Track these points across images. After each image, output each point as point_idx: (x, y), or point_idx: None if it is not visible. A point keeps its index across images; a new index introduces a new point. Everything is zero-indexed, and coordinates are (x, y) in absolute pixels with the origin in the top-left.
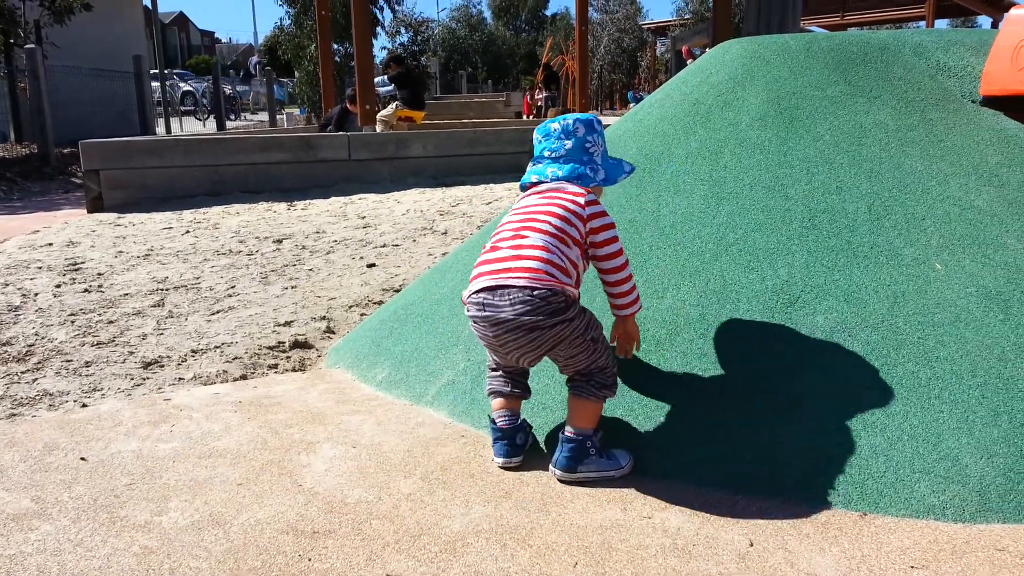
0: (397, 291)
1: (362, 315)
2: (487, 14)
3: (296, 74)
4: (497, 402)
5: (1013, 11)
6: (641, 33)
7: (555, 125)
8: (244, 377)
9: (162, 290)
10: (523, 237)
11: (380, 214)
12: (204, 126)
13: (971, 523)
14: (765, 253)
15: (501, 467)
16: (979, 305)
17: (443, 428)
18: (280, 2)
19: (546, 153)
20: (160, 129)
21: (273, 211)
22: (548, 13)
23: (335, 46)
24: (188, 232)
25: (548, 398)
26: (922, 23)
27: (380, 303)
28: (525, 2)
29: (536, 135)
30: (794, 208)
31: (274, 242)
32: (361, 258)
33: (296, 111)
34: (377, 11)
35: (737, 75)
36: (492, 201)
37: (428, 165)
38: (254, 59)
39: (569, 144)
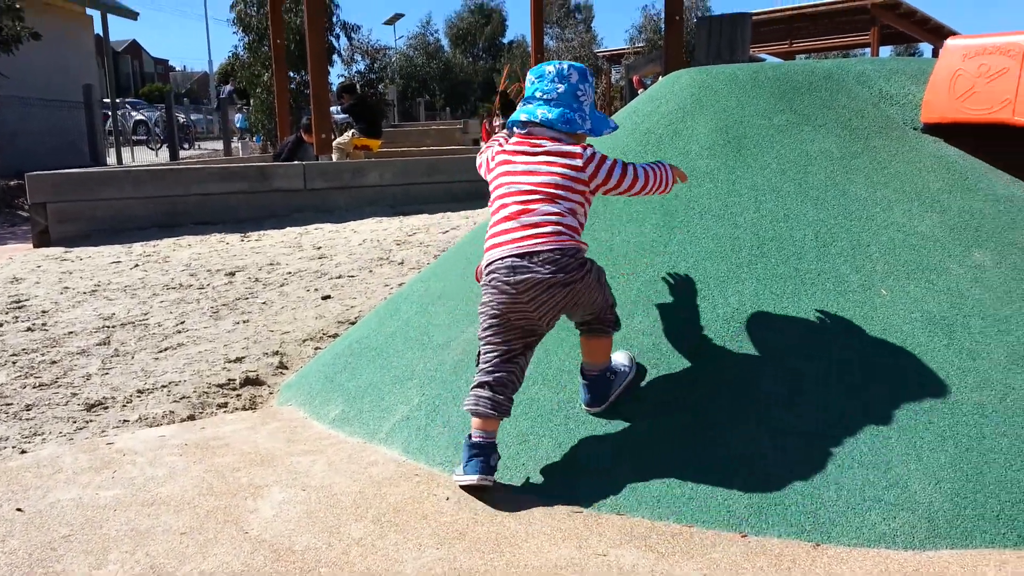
0: (353, 323)
1: (316, 349)
2: (445, 42)
3: (251, 102)
4: (477, 421)
5: (949, 41)
6: (596, 61)
7: (550, 68)
8: (192, 417)
9: (108, 327)
10: (533, 211)
11: (336, 244)
12: (157, 155)
13: (920, 550)
14: (716, 281)
15: (476, 484)
16: (924, 330)
17: (396, 467)
18: (235, 30)
19: (538, 94)
20: (111, 159)
21: (226, 243)
22: (505, 41)
23: (291, 74)
24: (137, 266)
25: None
26: (867, 50)
27: (335, 336)
28: (482, 31)
29: (530, 75)
30: (743, 236)
31: (226, 275)
32: (316, 290)
33: (252, 139)
34: (333, 39)
35: (687, 105)
36: (450, 230)
37: (385, 194)
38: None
39: (562, 88)
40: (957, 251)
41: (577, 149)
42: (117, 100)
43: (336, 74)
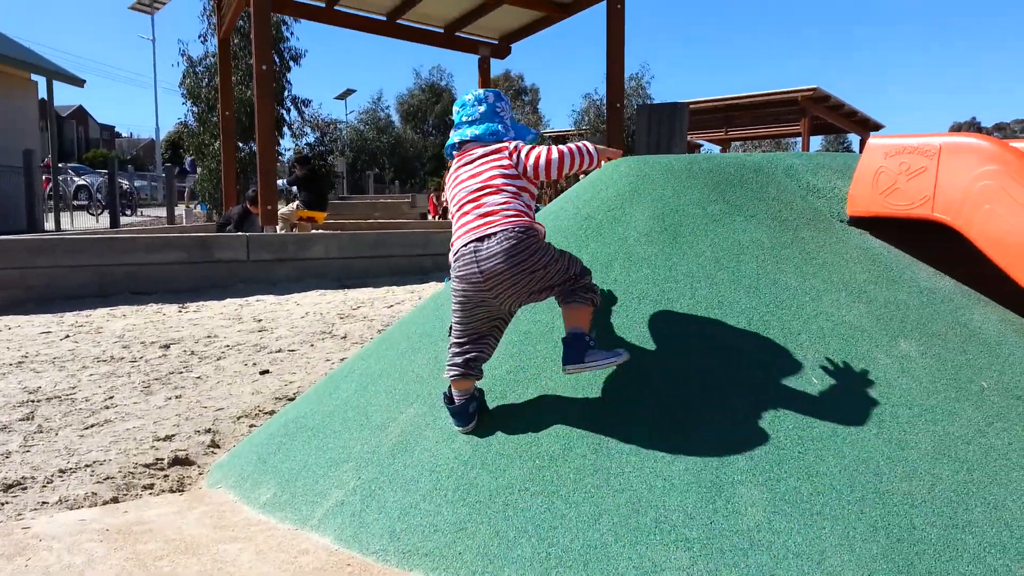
0: (291, 400)
1: (251, 427)
2: (395, 117)
3: (198, 170)
4: (454, 383)
5: (872, 140)
6: (544, 141)
7: (468, 96)
8: (115, 500)
9: (33, 402)
10: (483, 204)
11: (278, 317)
12: (98, 222)
13: None
14: (653, 367)
15: (462, 432)
16: (854, 419)
17: (328, 556)
18: (184, 100)
19: (464, 118)
20: (50, 224)
21: (163, 314)
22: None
23: (240, 144)
24: (68, 337)
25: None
26: (799, 139)
27: (272, 413)
28: (432, 108)
29: (455, 107)
30: (678, 321)
31: (161, 347)
32: (254, 364)
33: (196, 207)
34: (284, 112)
35: (625, 192)
36: (394, 304)
37: (330, 266)
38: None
39: (482, 109)
40: (884, 341)
41: (502, 146)
42: (60, 165)
43: (285, 146)
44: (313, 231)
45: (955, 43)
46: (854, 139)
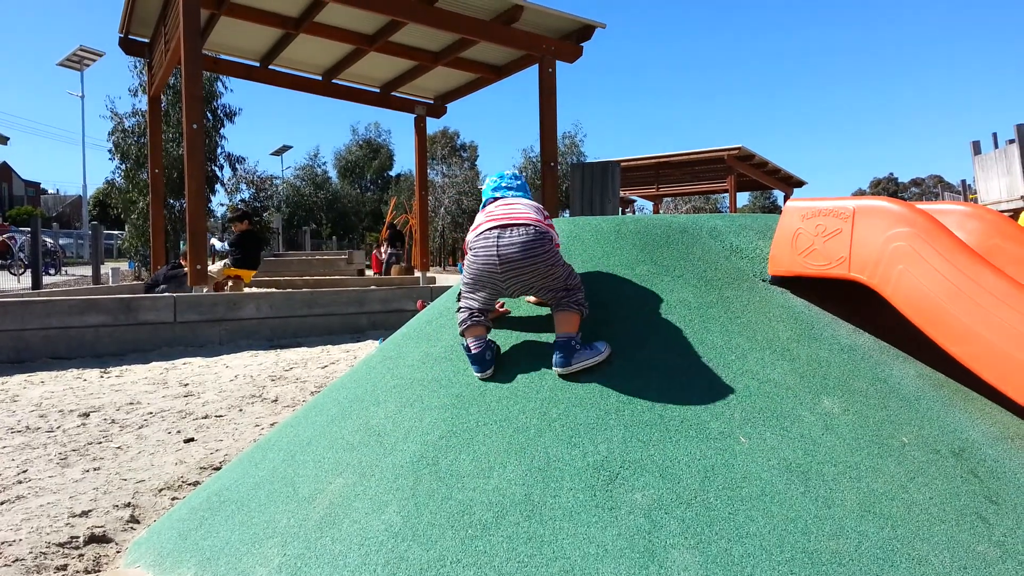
0: (217, 469)
1: (173, 500)
2: (332, 173)
3: (126, 228)
4: (470, 332)
5: (789, 203)
6: (480, 196)
7: (508, 171)
8: None
9: None
10: (514, 208)
11: (205, 381)
12: (19, 281)
13: None
14: (585, 428)
15: (480, 379)
16: (781, 478)
17: None
18: (111, 157)
19: (504, 184)
20: None
21: (84, 379)
22: (392, 174)
23: (171, 201)
24: None
25: None
26: (726, 195)
27: (196, 484)
28: (370, 164)
29: (493, 178)
30: (610, 383)
31: (80, 416)
32: (178, 432)
33: (124, 265)
34: (217, 168)
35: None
36: (328, 364)
37: (262, 327)
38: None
39: (518, 183)
40: (807, 398)
41: (546, 216)
42: None
43: (218, 201)
44: (245, 290)
45: (873, 101)
46: (780, 195)
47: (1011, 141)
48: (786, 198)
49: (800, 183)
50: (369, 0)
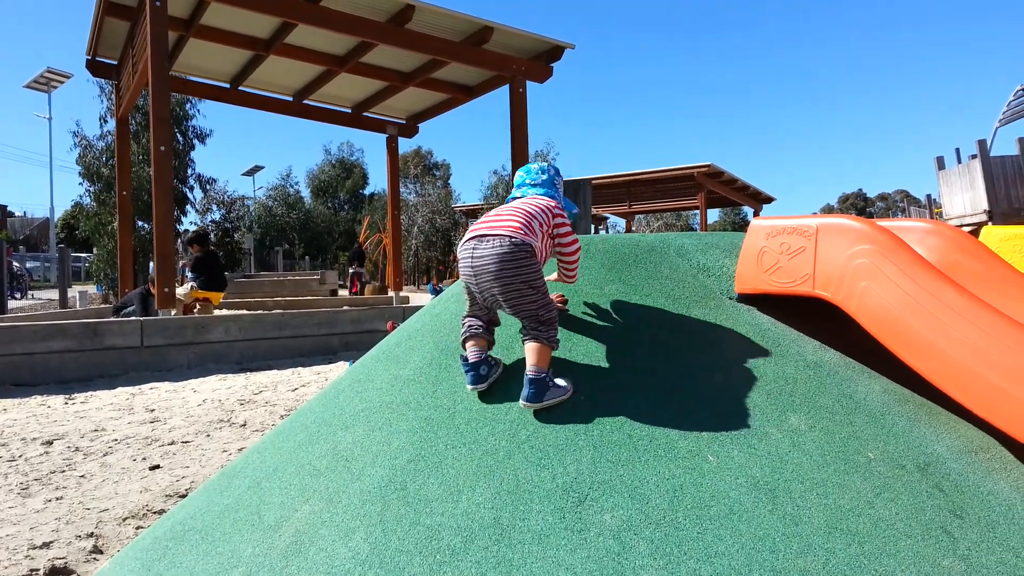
0: (183, 496)
1: (138, 529)
2: (305, 193)
3: (95, 250)
4: (469, 343)
5: (754, 221)
6: (454, 215)
7: (534, 165)
8: None
9: None
10: (503, 214)
11: (172, 406)
12: None
13: None
14: (555, 449)
15: (472, 391)
16: (749, 496)
17: None
18: (81, 180)
19: (528, 181)
20: None
21: (47, 406)
22: (366, 193)
23: (140, 223)
24: None
25: None
26: (697, 211)
27: (161, 512)
28: (343, 183)
29: (520, 172)
30: (579, 402)
31: (43, 444)
32: (144, 459)
33: (92, 288)
34: (187, 190)
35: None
36: (299, 387)
37: (232, 350)
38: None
39: (544, 177)
40: (775, 415)
41: (553, 205)
42: None
43: (189, 221)
44: (215, 312)
45: (841, 118)
46: (750, 211)
47: (973, 156)
48: (756, 214)
49: (769, 199)
50: (339, 22)
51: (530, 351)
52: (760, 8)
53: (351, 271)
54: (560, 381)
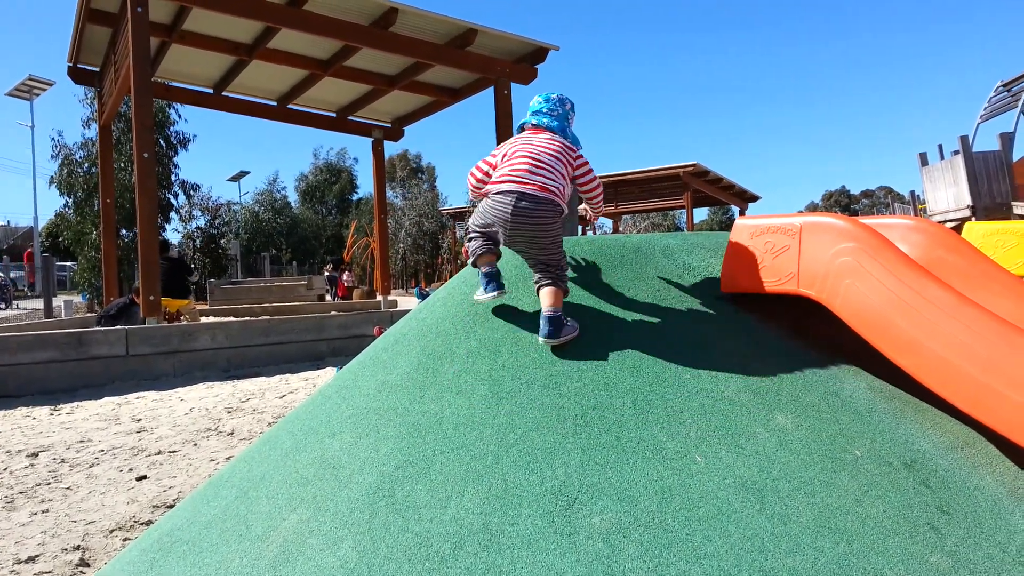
0: (170, 507)
1: (125, 540)
2: (292, 197)
3: (78, 260)
4: (484, 258)
5: (739, 221)
6: (441, 218)
7: (554, 95)
8: None
9: None
10: (536, 165)
11: (159, 415)
12: None
13: None
14: (543, 453)
15: (495, 297)
16: (738, 496)
17: None
18: (61, 193)
19: (544, 109)
20: None
21: (32, 417)
22: (354, 198)
23: (124, 231)
24: None
25: None
26: (684, 211)
27: (148, 524)
28: (331, 188)
29: (537, 98)
30: (567, 405)
31: (28, 456)
32: (131, 469)
33: (77, 297)
34: (172, 197)
35: (513, 277)
36: (287, 394)
37: (218, 357)
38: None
39: (559, 111)
40: (761, 414)
41: (572, 147)
42: None
43: (172, 228)
44: (202, 320)
45: (825, 116)
46: (736, 210)
47: (956, 152)
48: (741, 213)
49: (754, 198)
50: (323, 26)
51: (548, 294)
52: (745, 7)
53: (326, 274)
54: (570, 320)
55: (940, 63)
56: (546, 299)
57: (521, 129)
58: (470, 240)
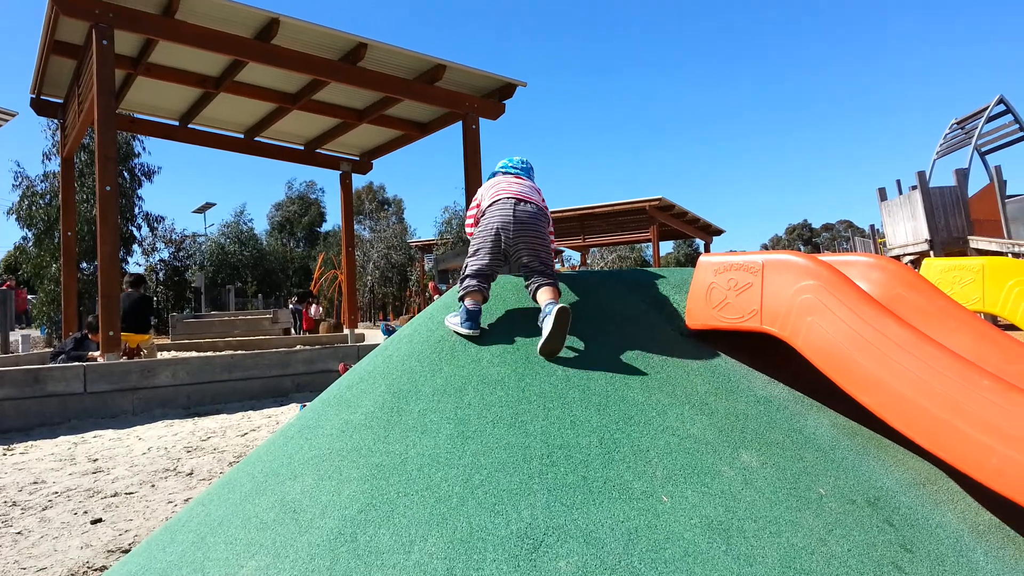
0: (126, 552)
1: None
2: (259, 229)
3: (37, 293)
4: (473, 296)
5: (703, 258)
6: (409, 250)
7: (517, 158)
8: None
9: None
10: (524, 189)
11: (116, 455)
12: None
13: None
14: (509, 494)
15: (470, 335)
16: (704, 536)
17: None
18: (21, 226)
19: (518, 166)
20: None
21: None
22: (323, 229)
23: (84, 264)
24: None
25: None
26: (650, 244)
27: (103, 569)
28: (300, 220)
29: (505, 161)
30: (533, 444)
31: None
32: (85, 512)
33: (36, 332)
34: (135, 229)
35: (483, 317)
36: (249, 432)
37: (179, 394)
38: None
39: (525, 167)
40: (727, 452)
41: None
42: None
43: (134, 262)
44: (159, 356)
45: (787, 151)
46: (701, 243)
47: (914, 187)
48: (707, 246)
49: (719, 231)
50: (291, 60)
51: (546, 291)
52: (707, 46)
53: (291, 307)
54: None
55: (897, 100)
56: (546, 295)
57: (493, 175)
58: (465, 279)
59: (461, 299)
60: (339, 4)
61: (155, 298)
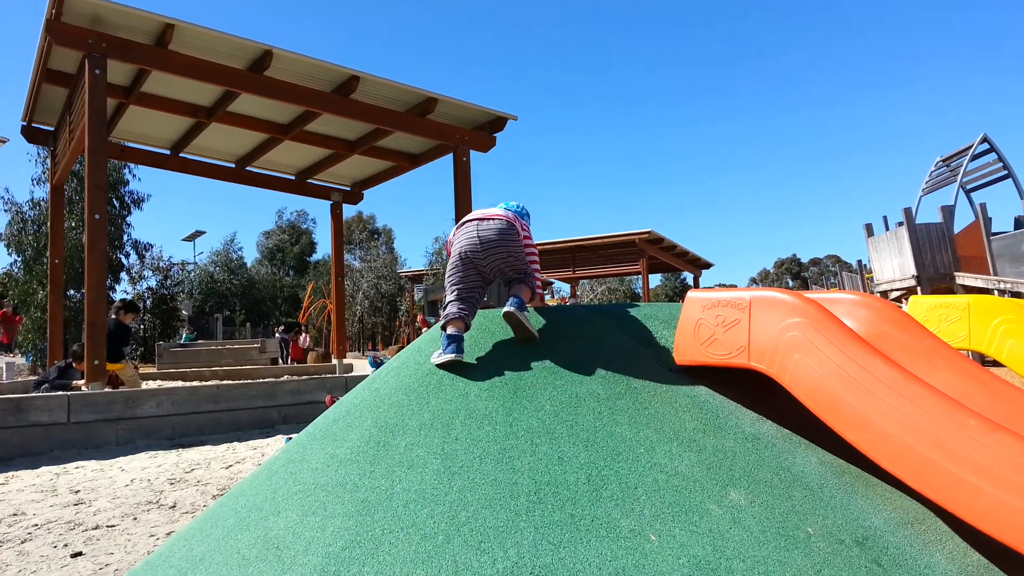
0: None
1: None
2: (249, 258)
3: (23, 320)
4: (455, 323)
5: (690, 294)
6: (399, 280)
7: (513, 202)
8: None
9: None
10: (494, 211)
11: (99, 486)
12: None
13: None
14: (495, 532)
15: (453, 359)
16: None
17: None
18: (9, 253)
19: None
20: None
21: None
22: (313, 259)
23: (72, 292)
24: None
25: None
26: (639, 277)
27: None
28: (291, 249)
29: (501, 205)
30: (521, 481)
31: None
32: (66, 545)
33: (20, 359)
34: (123, 256)
35: (466, 347)
36: (233, 464)
37: (163, 425)
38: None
39: (514, 208)
40: (715, 490)
41: (524, 222)
42: None
43: (122, 290)
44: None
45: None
46: (690, 276)
47: (900, 224)
48: (695, 280)
49: (707, 265)
50: (284, 92)
51: (518, 290)
52: (695, 81)
53: (278, 336)
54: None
55: (883, 137)
56: (514, 291)
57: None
58: (445, 306)
59: (443, 327)
60: (333, 36)
61: (141, 327)
